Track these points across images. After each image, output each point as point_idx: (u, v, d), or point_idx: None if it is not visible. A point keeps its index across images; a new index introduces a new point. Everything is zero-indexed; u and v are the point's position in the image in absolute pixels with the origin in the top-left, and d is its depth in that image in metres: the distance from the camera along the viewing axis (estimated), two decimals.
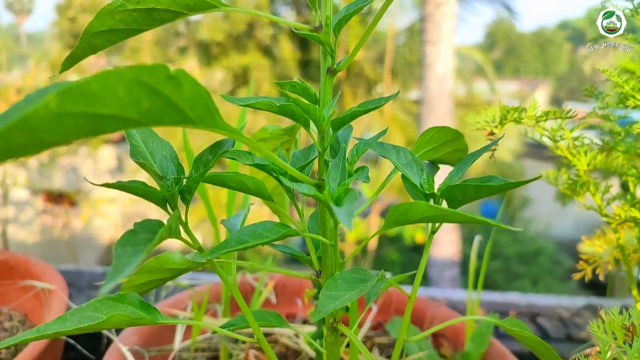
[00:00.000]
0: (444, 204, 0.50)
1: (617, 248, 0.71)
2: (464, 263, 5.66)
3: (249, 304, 0.79)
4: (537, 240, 8.02)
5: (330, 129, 0.46)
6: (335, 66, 0.46)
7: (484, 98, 9.06)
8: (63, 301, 0.70)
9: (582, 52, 28.64)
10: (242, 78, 7.15)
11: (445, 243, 3.80)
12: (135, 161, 0.45)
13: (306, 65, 7.36)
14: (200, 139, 6.86)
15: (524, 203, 9.00)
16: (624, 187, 0.74)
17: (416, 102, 7.01)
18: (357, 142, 0.53)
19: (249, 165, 0.49)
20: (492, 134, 0.68)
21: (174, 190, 0.44)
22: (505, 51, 24.94)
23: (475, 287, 0.77)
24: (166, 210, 0.44)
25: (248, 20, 6.87)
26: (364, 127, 6.88)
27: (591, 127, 0.76)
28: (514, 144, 9.10)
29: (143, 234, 0.36)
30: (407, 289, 0.54)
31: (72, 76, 8.11)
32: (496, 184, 0.46)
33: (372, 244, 6.77)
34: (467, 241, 7.43)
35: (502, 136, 0.65)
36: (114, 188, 0.42)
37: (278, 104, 0.43)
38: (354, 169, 0.49)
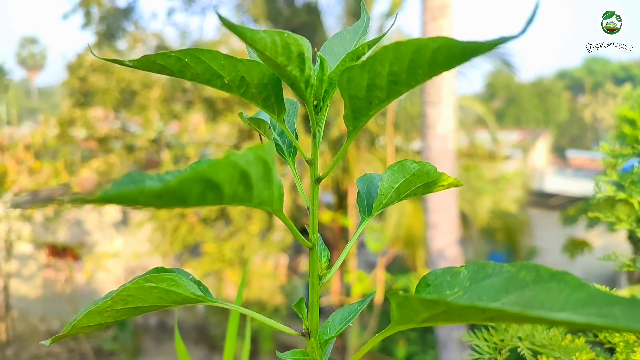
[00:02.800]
0: None
1: None
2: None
3: None
4: None
5: None
6: None
7: (486, 148, 9.13)
8: None
9: (581, 101, 29.06)
10: (247, 132, 7.25)
11: None
12: None
13: (309, 120, 7.47)
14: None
15: (531, 253, 8.87)
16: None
17: (419, 153, 7.06)
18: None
19: None
20: None
21: None
22: (505, 101, 25.35)
23: None
24: None
25: None
26: None
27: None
28: (518, 194, 9.08)
29: None
30: None
31: (80, 130, 8.27)
32: None
33: (379, 298, 6.64)
34: None
35: None
36: None
37: None
38: None
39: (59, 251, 9.40)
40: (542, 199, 10.63)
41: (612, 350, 0.69)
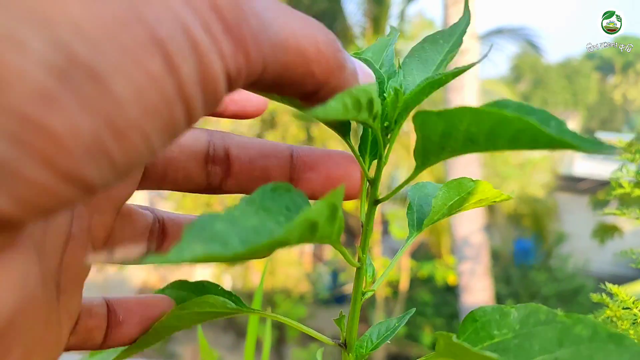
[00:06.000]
0: None
1: None
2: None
3: None
4: (576, 277, 7.72)
5: None
6: None
7: None
8: None
9: (611, 82, 28.19)
10: (269, 122, 7.28)
11: (478, 290, 3.68)
12: None
13: None
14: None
15: (559, 239, 8.73)
16: None
17: None
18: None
19: None
20: None
21: None
22: (532, 83, 24.78)
23: None
24: None
25: None
26: (391, 167, 6.86)
27: None
28: (546, 178, 8.92)
29: None
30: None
31: None
32: None
33: (404, 285, 6.63)
34: (501, 280, 7.20)
35: None
36: None
37: None
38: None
39: None
40: (571, 183, 10.43)
41: None
